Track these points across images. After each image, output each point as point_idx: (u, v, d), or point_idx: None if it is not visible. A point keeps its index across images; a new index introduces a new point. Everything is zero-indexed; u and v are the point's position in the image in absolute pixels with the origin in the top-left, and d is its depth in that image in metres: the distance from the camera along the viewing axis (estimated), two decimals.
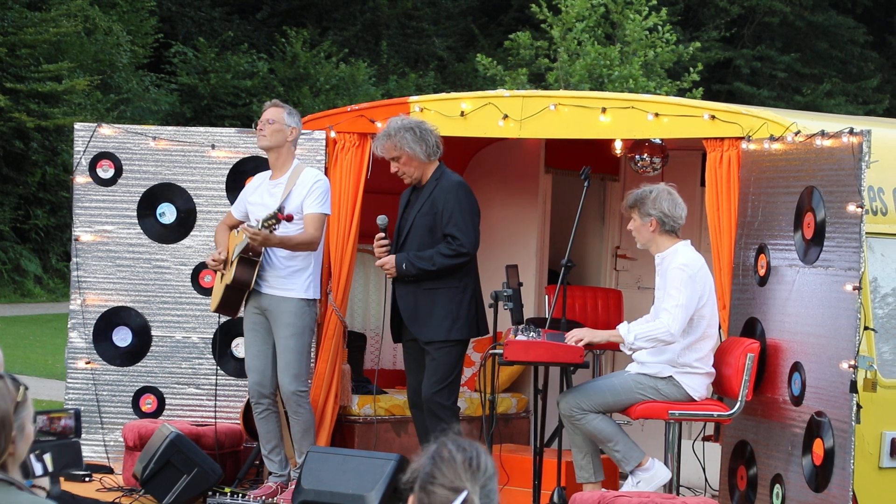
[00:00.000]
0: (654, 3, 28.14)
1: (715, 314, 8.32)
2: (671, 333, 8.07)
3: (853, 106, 34.80)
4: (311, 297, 9.02)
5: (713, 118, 8.72)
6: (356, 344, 10.39)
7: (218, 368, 9.74)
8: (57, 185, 26.22)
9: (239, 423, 9.64)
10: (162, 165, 9.91)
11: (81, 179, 9.93)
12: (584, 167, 8.78)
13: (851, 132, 7.68)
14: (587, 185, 8.76)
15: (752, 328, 8.39)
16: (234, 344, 9.77)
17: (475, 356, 10.40)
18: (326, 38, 33.41)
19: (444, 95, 9.93)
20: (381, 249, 8.89)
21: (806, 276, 7.99)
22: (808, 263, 7.97)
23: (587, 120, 9.13)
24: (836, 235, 7.75)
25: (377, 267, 8.97)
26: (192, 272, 9.88)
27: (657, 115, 8.93)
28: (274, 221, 8.66)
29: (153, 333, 9.88)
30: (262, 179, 9.17)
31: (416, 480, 3.59)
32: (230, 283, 8.95)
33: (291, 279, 8.97)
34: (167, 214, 9.92)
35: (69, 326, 9.95)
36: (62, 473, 4.62)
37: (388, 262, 8.81)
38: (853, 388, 7.53)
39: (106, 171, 9.93)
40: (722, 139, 8.69)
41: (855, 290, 7.56)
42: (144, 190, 9.91)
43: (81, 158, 9.92)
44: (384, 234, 8.89)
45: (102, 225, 9.92)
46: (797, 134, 8.20)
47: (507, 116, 9.32)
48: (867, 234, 7.64)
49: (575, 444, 8.37)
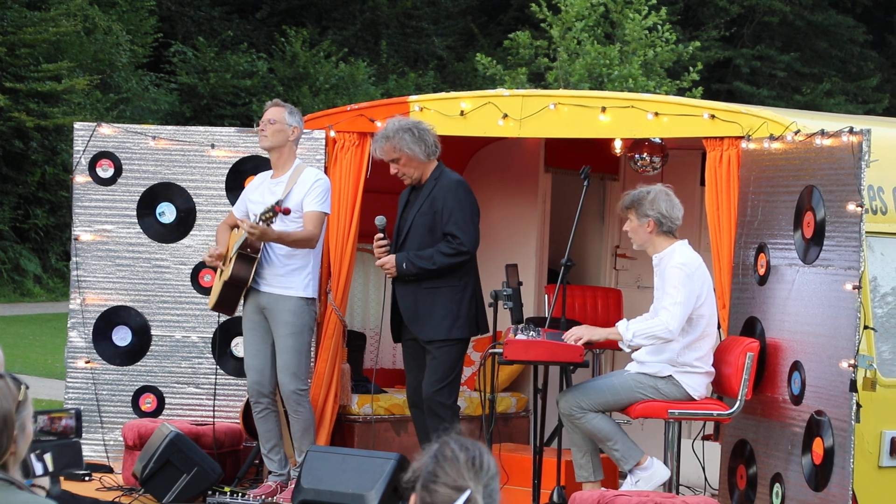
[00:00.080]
0: (653, 2, 28.12)
1: (714, 313, 8.32)
2: (670, 331, 8.07)
3: (853, 105, 34.79)
4: (309, 295, 9.02)
5: (713, 117, 8.72)
6: (356, 343, 10.39)
7: (217, 368, 9.73)
8: (56, 184, 26.21)
9: (238, 422, 9.63)
10: (161, 165, 9.90)
11: (81, 179, 9.92)
12: (583, 166, 8.78)
13: (851, 131, 7.68)
14: (587, 184, 8.76)
15: (751, 327, 8.39)
16: (233, 343, 9.77)
17: (475, 355, 10.39)
18: (326, 37, 33.40)
19: (443, 95, 9.92)
20: (380, 250, 8.89)
21: (806, 275, 7.99)
22: (807, 263, 7.96)
23: (587, 119, 9.13)
24: (835, 235, 7.75)
25: (377, 267, 8.97)
26: (191, 271, 9.87)
27: (657, 114, 8.93)
28: (272, 214, 8.66)
29: (153, 333, 9.88)
30: (263, 178, 9.17)
31: (417, 479, 3.59)
32: (228, 279, 8.95)
33: (290, 277, 8.97)
34: (167, 214, 9.92)
35: (69, 326, 9.94)
36: (62, 473, 4.62)
37: (388, 261, 8.81)
38: (853, 387, 7.53)
39: (105, 170, 9.92)
40: (722, 138, 8.68)
41: (855, 289, 7.56)
42: (144, 189, 9.91)
43: (81, 158, 9.92)
44: (383, 234, 8.89)
45: (102, 224, 9.92)
46: (797, 133, 8.20)
47: (506, 116, 9.32)
48: (867, 233, 7.63)
49: (574, 443, 8.36)
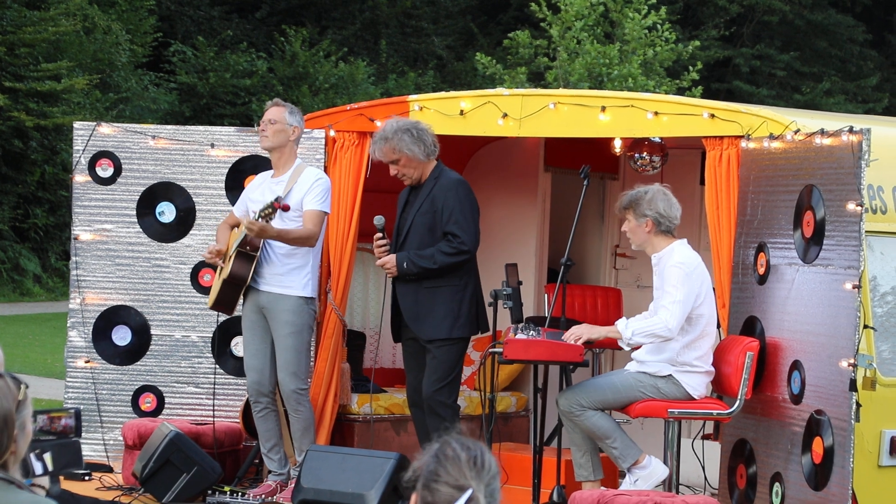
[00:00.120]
0: (653, 1, 28.11)
1: (713, 312, 8.32)
2: (669, 329, 8.07)
3: (852, 104, 34.79)
4: (308, 294, 9.01)
5: (713, 117, 8.72)
6: (355, 343, 10.39)
7: (217, 367, 9.73)
8: (56, 184, 26.20)
9: (238, 421, 9.63)
10: (161, 164, 9.90)
11: (81, 178, 9.92)
12: (583, 166, 8.78)
13: (851, 130, 7.67)
14: (586, 183, 8.76)
15: (751, 327, 8.39)
16: (233, 343, 9.77)
17: (475, 355, 10.39)
18: (325, 36, 33.39)
19: (443, 94, 9.92)
20: (380, 250, 8.88)
21: (805, 274, 7.98)
22: (807, 262, 7.96)
23: (586, 118, 9.13)
24: (835, 234, 7.74)
25: (378, 267, 8.96)
26: (191, 271, 9.87)
27: (657, 113, 8.93)
28: (271, 210, 8.66)
29: (152, 332, 9.87)
30: (263, 178, 9.17)
31: (418, 479, 3.59)
32: (226, 277, 8.94)
33: (289, 276, 8.96)
34: (166, 213, 9.91)
35: (68, 325, 9.94)
36: (62, 472, 4.62)
37: (388, 261, 8.80)
38: (853, 386, 7.53)
39: (105, 169, 9.92)
40: (721, 138, 8.68)
41: (854, 288, 7.56)
42: (144, 189, 9.91)
43: (81, 157, 9.91)
44: (382, 234, 8.88)
45: (102, 224, 9.91)
46: (797, 132, 8.20)
47: (506, 115, 9.31)
48: (867, 232, 7.63)
49: (574, 442, 8.36)
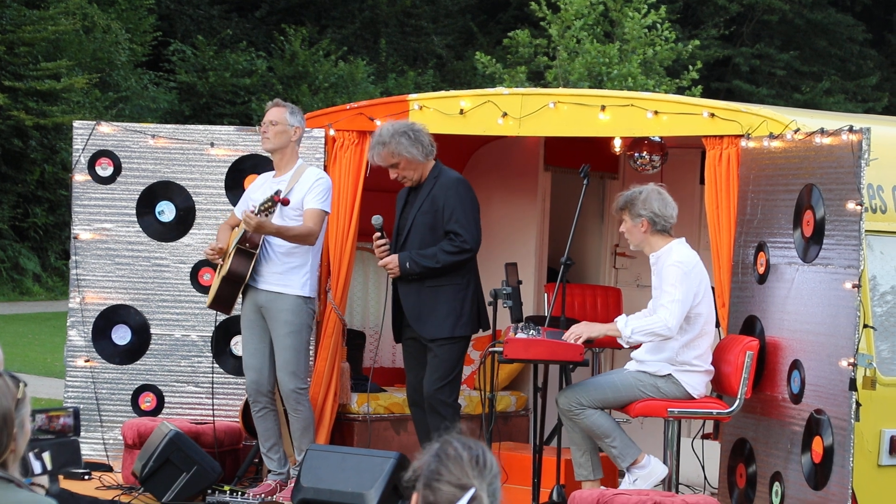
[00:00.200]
0: (652, 0, 28.12)
1: (712, 311, 8.32)
2: (668, 328, 8.07)
3: (852, 104, 34.79)
4: (307, 294, 9.01)
5: (712, 116, 8.72)
6: (355, 342, 10.38)
7: (217, 366, 9.73)
8: (56, 183, 26.21)
9: (238, 421, 9.63)
10: (161, 163, 9.90)
11: (80, 177, 9.92)
12: (583, 165, 8.78)
13: (851, 130, 7.67)
14: (586, 183, 8.76)
15: (751, 326, 8.39)
16: (233, 342, 9.76)
17: (474, 354, 10.39)
18: (325, 36, 33.39)
19: (443, 93, 9.91)
20: (380, 249, 8.88)
21: (805, 273, 7.98)
22: (807, 261, 7.96)
23: (586, 118, 9.13)
24: (835, 233, 7.74)
25: (380, 267, 8.95)
26: (191, 270, 9.87)
27: (656, 112, 8.93)
28: (270, 204, 8.66)
29: (152, 331, 9.87)
30: (265, 178, 9.17)
31: (419, 479, 3.58)
32: (225, 274, 8.94)
33: (288, 276, 8.96)
34: (166, 212, 9.91)
35: (68, 324, 9.94)
36: (61, 472, 4.62)
37: (391, 261, 8.80)
38: (852, 385, 7.52)
39: (105, 169, 9.91)
40: (721, 137, 8.68)
41: (854, 287, 7.56)
42: (143, 188, 9.90)
43: (80, 156, 9.91)
44: (381, 233, 8.88)
45: (101, 223, 9.91)
46: (796, 132, 8.20)
47: (506, 114, 9.31)
48: (866, 231, 7.63)
49: (574, 441, 8.36)
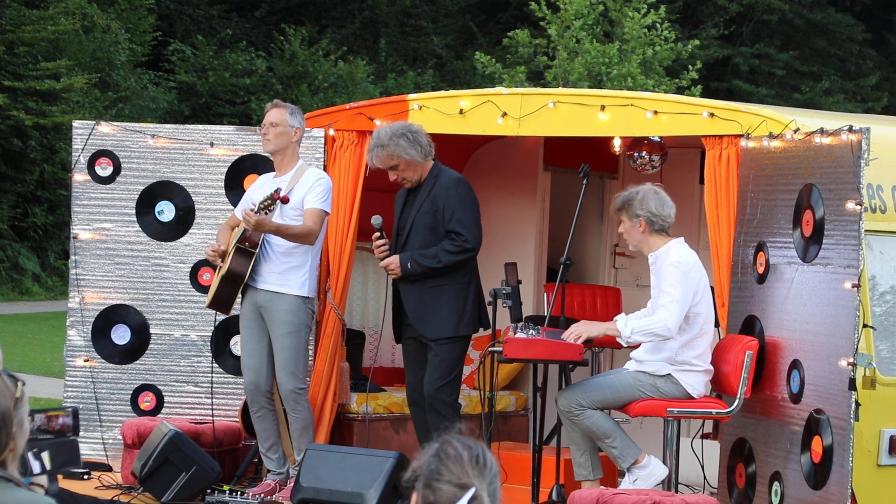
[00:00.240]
0: (652, 0, 28.11)
1: (711, 311, 8.32)
2: (668, 328, 8.07)
3: (852, 104, 34.80)
4: (306, 294, 9.00)
5: (712, 116, 8.71)
6: (355, 342, 10.38)
7: (216, 366, 9.72)
8: (55, 182, 26.21)
9: (238, 420, 9.63)
10: (160, 163, 9.89)
11: (80, 177, 9.92)
12: (582, 165, 8.78)
13: (850, 130, 7.67)
14: (586, 182, 8.76)
15: (750, 326, 8.39)
16: (232, 342, 9.76)
17: (474, 354, 10.39)
18: (325, 35, 33.39)
19: (442, 93, 9.91)
20: (380, 250, 8.87)
21: (805, 273, 7.98)
22: (807, 261, 7.96)
23: (586, 118, 9.12)
24: (835, 233, 7.74)
25: (381, 268, 8.94)
26: (190, 270, 9.87)
27: (656, 112, 8.92)
28: (270, 202, 8.66)
29: (152, 331, 9.87)
30: (266, 179, 9.16)
31: (418, 478, 3.58)
32: (224, 273, 8.93)
33: (287, 275, 8.95)
34: (166, 212, 9.91)
35: (68, 324, 9.94)
36: (60, 471, 4.62)
37: (392, 262, 8.79)
38: (852, 385, 7.52)
39: (104, 168, 9.91)
40: (721, 137, 8.68)
41: (854, 287, 7.56)
42: (143, 188, 9.90)
43: (80, 156, 9.90)
44: (380, 233, 8.87)
45: (101, 223, 9.91)
46: (796, 132, 8.19)
47: (505, 114, 9.31)
48: (866, 231, 7.63)
49: (573, 441, 8.36)
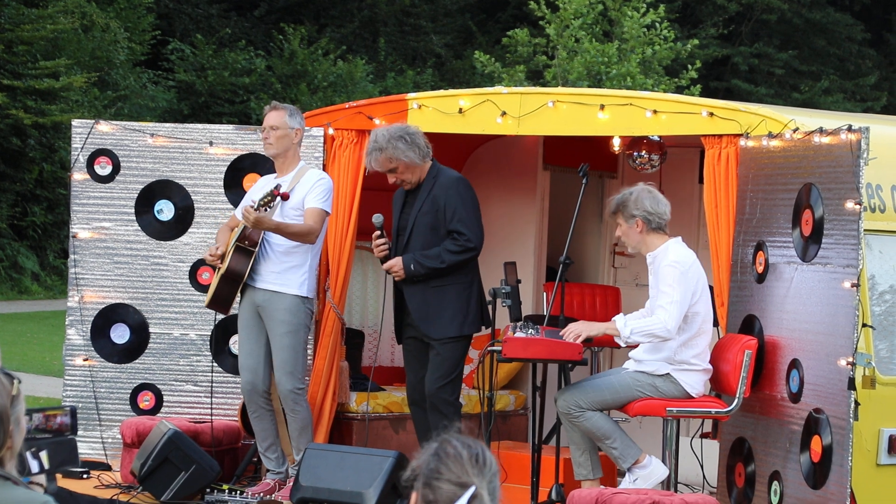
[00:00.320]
0: (651, 0, 28.12)
1: (709, 310, 8.32)
2: (667, 330, 8.07)
3: (851, 103, 34.80)
4: (305, 294, 8.99)
5: (711, 115, 8.71)
6: (354, 341, 10.38)
7: (215, 365, 9.72)
8: (54, 181, 26.20)
9: (237, 419, 9.63)
10: (160, 162, 9.89)
11: (79, 176, 9.91)
12: (582, 164, 8.77)
13: (850, 129, 7.67)
14: (585, 182, 8.75)
15: (750, 325, 8.38)
16: (231, 341, 9.75)
17: (473, 353, 10.38)
18: (324, 35, 33.39)
19: (442, 92, 9.91)
20: (379, 249, 8.86)
21: (804, 273, 7.98)
22: (806, 260, 7.96)
23: (585, 117, 9.12)
24: (834, 232, 7.74)
25: (383, 270, 8.93)
26: (189, 269, 9.86)
27: (655, 112, 8.92)
28: (270, 199, 8.65)
29: (151, 330, 9.86)
30: (267, 180, 9.15)
31: (418, 478, 3.57)
32: (224, 272, 8.93)
33: (287, 275, 8.94)
34: (165, 211, 9.90)
35: (67, 323, 9.93)
36: (59, 470, 4.62)
37: (395, 264, 8.78)
38: (851, 385, 7.52)
39: (103, 167, 9.91)
40: (720, 136, 8.68)
41: (853, 287, 7.56)
42: (142, 187, 9.90)
43: (79, 155, 9.90)
44: (381, 232, 8.87)
45: (100, 222, 9.90)
46: (795, 131, 8.19)
47: (505, 113, 9.31)
48: (865, 231, 7.63)
49: (573, 441, 8.36)
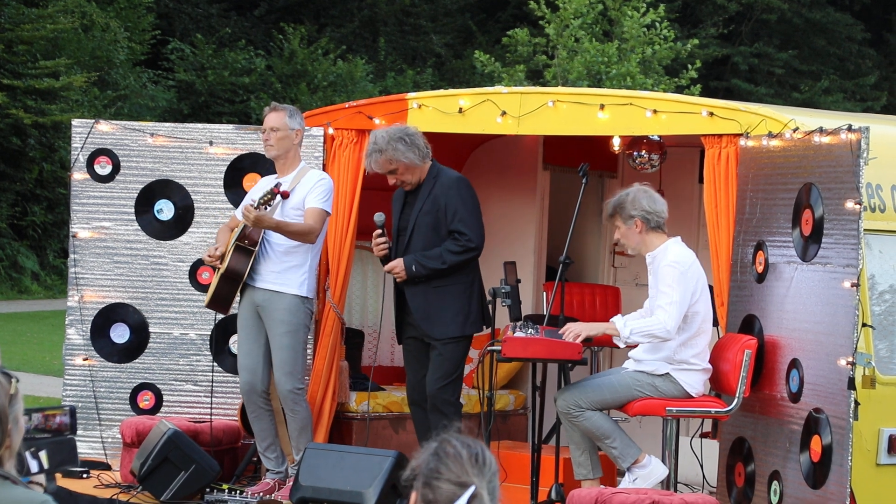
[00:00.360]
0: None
1: (709, 310, 8.32)
2: (667, 330, 8.07)
3: (851, 103, 34.81)
4: (305, 294, 8.98)
5: (711, 115, 8.71)
6: (354, 341, 10.38)
7: (215, 365, 9.72)
8: (54, 181, 26.21)
9: (237, 419, 9.63)
10: (159, 162, 9.89)
11: (79, 176, 9.91)
12: (582, 164, 8.77)
13: (850, 129, 7.67)
14: (585, 181, 8.75)
15: (750, 325, 8.38)
16: (231, 340, 9.75)
17: (473, 353, 10.38)
18: (324, 34, 33.40)
19: (442, 92, 9.91)
20: (379, 248, 8.86)
21: (804, 272, 7.98)
22: (806, 260, 7.95)
23: (585, 116, 9.12)
24: (834, 232, 7.74)
25: (385, 272, 8.92)
26: (189, 269, 9.86)
27: (655, 111, 8.92)
28: (270, 197, 8.65)
29: (151, 330, 9.86)
30: (268, 181, 9.15)
31: (417, 477, 3.57)
32: (223, 272, 8.92)
33: (287, 275, 8.93)
34: (165, 211, 9.90)
35: (67, 323, 9.93)
36: (58, 470, 4.62)
37: (396, 265, 8.78)
38: (851, 384, 7.52)
39: (103, 167, 9.91)
40: (720, 136, 8.68)
41: (853, 286, 7.56)
42: (142, 186, 9.90)
43: (79, 155, 9.90)
44: (382, 231, 8.86)
45: (100, 221, 9.90)
46: (795, 131, 8.19)
47: (505, 113, 9.31)
48: (865, 230, 7.63)
49: (573, 440, 8.36)
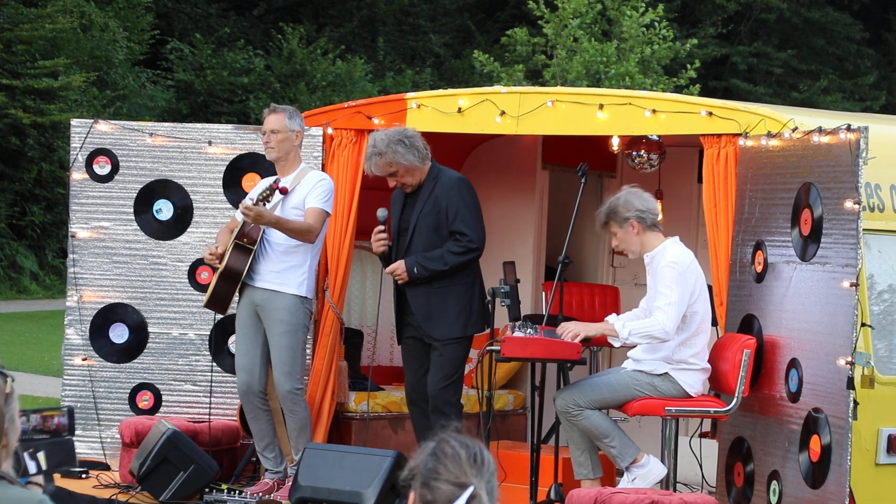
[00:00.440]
0: None
1: (708, 309, 8.31)
2: (666, 331, 8.06)
3: (850, 102, 34.81)
4: (304, 294, 8.98)
5: (710, 115, 8.71)
6: (353, 341, 10.38)
7: (214, 365, 9.72)
8: (53, 181, 26.21)
9: (236, 419, 9.62)
10: (158, 162, 9.89)
11: (78, 176, 9.91)
12: (581, 164, 8.77)
13: (849, 128, 7.67)
14: (584, 181, 8.75)
15: (749, 325, 8.38)
16: (230, 340, 9.74)
17: (472, 353, 10.37)
18: (323, 34, 33.39)
19: (441, 92, 9.91)
20: (378, 243, 8.86)
21: (803, 272, 7.98)
22: (805, 260, 7.96)
23: (584, 116, 9.12)
24: (833, 232, 7.74)
25: (387, 274, 8.92)
26: (188, 269, 9.86)
27: (654, 111, 8.92)
28: (268, 193, 8.65)
29: (150, 330, 9.86)
30: (268, 182, 9.14)
31: (415, 477, 3.57)
32: (222, 270, 8.92)
33: (286, 274, 8.93)
34: (164, 211, 9.90)
35: (66, 323, 9.93)
36: (56, 471, 4.61)
37: (397, 267, 8.78)
38: (850, 384, 7.52)
39: (102, 167, 9.90)
40: (719, 136, 8.68)
41: (852, 286, 7.56)
42: (141, 186, 9.89)
43: (78, 155, 9.90)
44: (383, 227, 8.87)
45: (99, 221, 9.90)
46: (794, 130, 8.19)
47: (504, 113, 9.31)
48: (864, 230, 7.63)
49: (572, 440, 8.36)
